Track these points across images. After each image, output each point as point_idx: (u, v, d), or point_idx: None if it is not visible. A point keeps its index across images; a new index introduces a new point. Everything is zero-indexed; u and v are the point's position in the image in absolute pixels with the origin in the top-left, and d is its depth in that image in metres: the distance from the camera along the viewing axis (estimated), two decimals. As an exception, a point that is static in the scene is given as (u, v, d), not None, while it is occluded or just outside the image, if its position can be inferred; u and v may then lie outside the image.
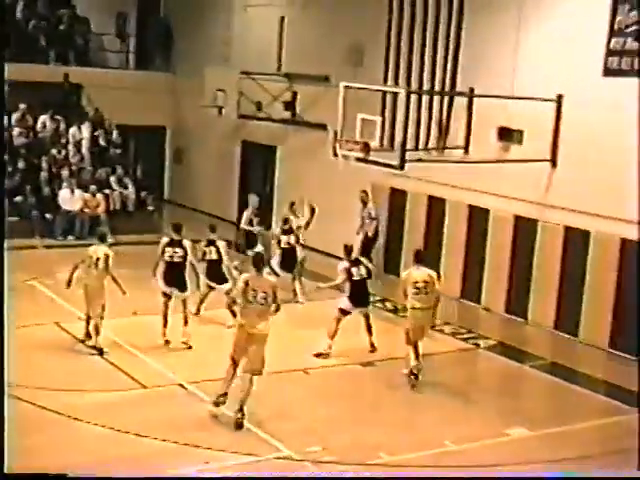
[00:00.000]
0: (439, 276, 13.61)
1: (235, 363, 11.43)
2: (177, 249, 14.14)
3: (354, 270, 14.24)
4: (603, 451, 11.12)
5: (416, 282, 13.05)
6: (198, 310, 15.62)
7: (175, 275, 14.13)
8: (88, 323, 14.03)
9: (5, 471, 8.06)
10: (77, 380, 12.47)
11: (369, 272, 14.50)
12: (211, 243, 15.26)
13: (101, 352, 13.61)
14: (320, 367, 13.73)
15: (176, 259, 14.10)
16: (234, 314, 13.69)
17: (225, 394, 11.48)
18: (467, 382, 14.40)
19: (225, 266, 15.31)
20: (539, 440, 11.60)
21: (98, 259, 13.93)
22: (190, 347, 14.13)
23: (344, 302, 14.29)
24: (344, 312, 14.28)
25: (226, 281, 15.21)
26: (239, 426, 11.12)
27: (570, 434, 11.80)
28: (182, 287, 14.23)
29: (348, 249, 14.59)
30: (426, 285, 13.04)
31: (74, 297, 16.07)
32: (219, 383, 11.67)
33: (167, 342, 14.17)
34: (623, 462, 10.39)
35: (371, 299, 15.10)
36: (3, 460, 8.08)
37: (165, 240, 14.36)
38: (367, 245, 18.59)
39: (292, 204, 18.02)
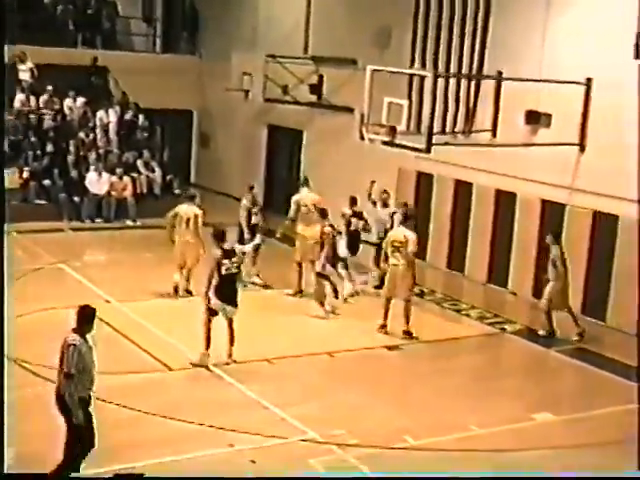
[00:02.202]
0: (419, 240, 14.73)
1: None
2: (233, 259, 12.77)
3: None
4: (627, 437, 11.04)
5: (393, 241, 14.42)
6: None
7: (230, 289, 12.69)
8: (181, 274, 15.64)
9: (5, 471, 8.12)
10: (102, 363, 12.53)
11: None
12: None
13: (190, 293, 15.40)
14: (345, 350, 13.72)
15: (233, 270, 12.72)
16: None
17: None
18: (493, 366, 14.37)
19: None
20: (564, 425, 11.57)
21: (189, 219, 15.62)
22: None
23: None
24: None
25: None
26: None
27: (596, 419, 11.75)
28: (235, 302, 12.80)
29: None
30: (401, 245, 14.31)
31: (102, 280, 16.28)
32: (244, 366, 11.70)
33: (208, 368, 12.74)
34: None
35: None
36: (3, 460, 8.12)
37: (218, 253, 12.74)
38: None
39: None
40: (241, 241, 16.47)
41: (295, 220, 16.65)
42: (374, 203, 17.27)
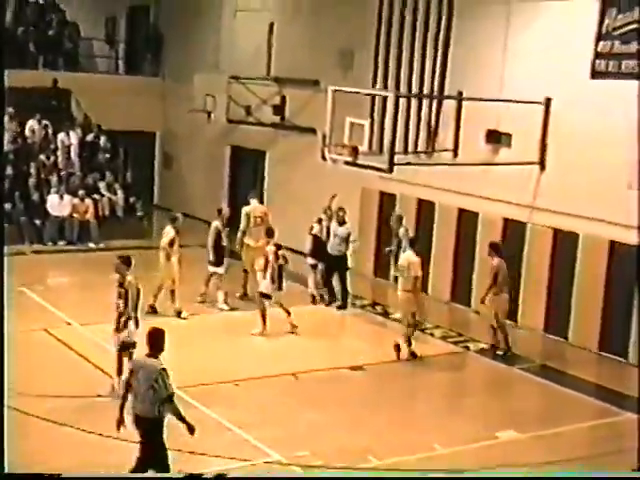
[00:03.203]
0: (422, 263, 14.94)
1: None
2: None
3: None
4: (592, 454, 11.10)
5: (400, 266, 14.86)
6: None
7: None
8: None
9: (5, 471, 8.15)
10: (65, 386, 12.41)
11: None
12: None
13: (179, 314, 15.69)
14: (309, 371, 13.68)
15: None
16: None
17: None
18: (457, 385, 14.41)
19: None
20: (528, 443, 11.59)
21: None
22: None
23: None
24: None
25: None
26: None
27: (559, 436, 11.78)
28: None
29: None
30: (403, 269, 14.64)
31: (64, 303, 16.13)
32: (207, 388, 11.58)
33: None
34: (614, 463, 10.38)
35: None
36: (3, 460, 8.17)
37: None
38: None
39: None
40: (212, 263, 16.62)
41: (245, 232, 17.26)
42: (330, 218, 17.33)
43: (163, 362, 9.10)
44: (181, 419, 9.12)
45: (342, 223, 17.22)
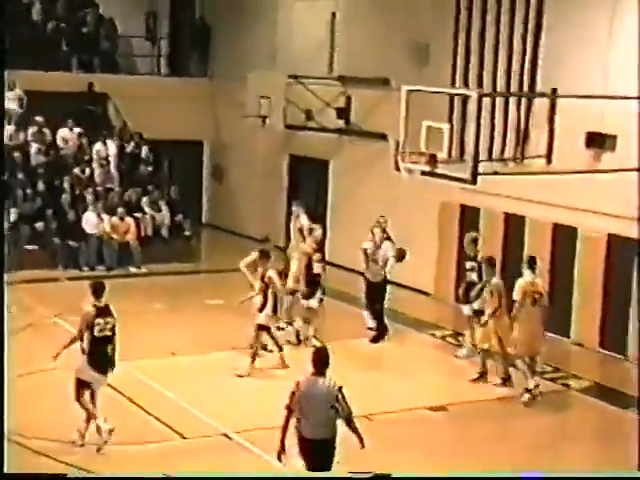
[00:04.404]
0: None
1: None
2: (108, 319, 12.53)
3: None
4: None
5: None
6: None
7: (104, 354, 12.55)
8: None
9: (5, 471, 8.45)
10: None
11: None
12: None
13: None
14: (384, 413, 13.65)
15: (107, 332, 12.52)
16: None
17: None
18: (558, 430, 14.23)
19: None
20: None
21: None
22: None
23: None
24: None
25: None
26: None
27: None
28: (106, 372, 12.59)
29: None
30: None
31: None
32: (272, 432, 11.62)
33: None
34: None
35: None
36: (3, 460, 8.57)
37: (91, 311, 12.34)
38: None
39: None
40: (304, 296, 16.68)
41: None
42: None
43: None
44: (357, 433, 9.91)
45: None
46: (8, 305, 12.09)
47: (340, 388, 9.81)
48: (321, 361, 9.87)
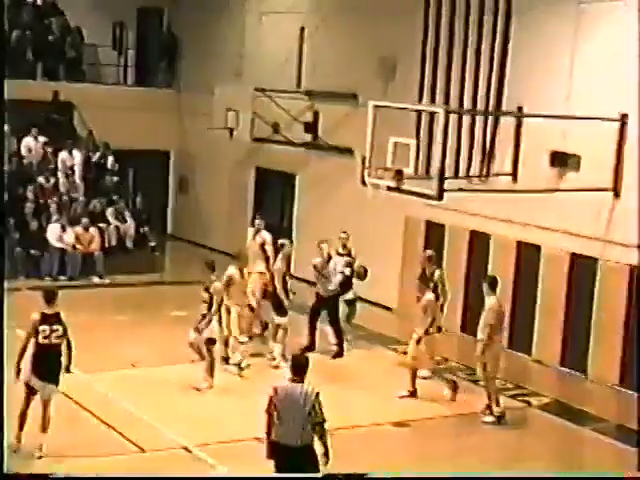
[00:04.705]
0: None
1: None
2: (54, 326, 12.29)
3: None
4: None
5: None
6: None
7: (50, 362, 12.41)
8: None
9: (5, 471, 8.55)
10: (68, 445, 12.51)
11: None
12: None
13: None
14: (349, 427, 13.62)
15: (53, 340, 12.34)
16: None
17: None
18: (520, 446, 14.28)
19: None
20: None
21: None
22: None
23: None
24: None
25: None
26: None
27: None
28: (56, 379, 12.41)
29: None
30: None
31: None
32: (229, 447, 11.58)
33: None
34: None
35: None
36: (3, 460, 8.74)
37: (36, 317, 12.30)
38: None
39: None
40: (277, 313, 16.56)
41: None
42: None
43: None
44: (325, 444, 9.92)
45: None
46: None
47: (317, 395, 9.88)
48: (300, 367, 9.96)
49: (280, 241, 17.45)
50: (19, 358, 12.05)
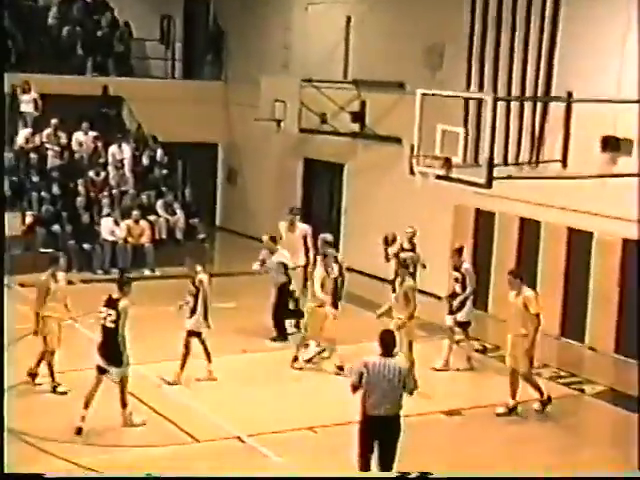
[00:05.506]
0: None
1: None
2: (110, 311, 13.18)
3: None
4: None
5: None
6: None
7: (111, 345, 13.15)
8: None
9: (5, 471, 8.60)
10: (121, 435, 12.62)
11: None
12: None
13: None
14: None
15: (108, 324, 13.21)
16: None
17: None
18: (573, 435, 14.17)
19: None
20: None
21: None
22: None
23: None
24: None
25: None
26: None
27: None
28: (119, 362, 13.08)
29: None
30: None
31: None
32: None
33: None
34: None
35: None
36: (3, 460, 8.72)
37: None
38: None
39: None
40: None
41: None
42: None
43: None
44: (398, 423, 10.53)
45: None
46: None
47: (407, 368, 10.71)
48: (389, 343, 10.56)
49: (321, 236, 17.21)
50: None
